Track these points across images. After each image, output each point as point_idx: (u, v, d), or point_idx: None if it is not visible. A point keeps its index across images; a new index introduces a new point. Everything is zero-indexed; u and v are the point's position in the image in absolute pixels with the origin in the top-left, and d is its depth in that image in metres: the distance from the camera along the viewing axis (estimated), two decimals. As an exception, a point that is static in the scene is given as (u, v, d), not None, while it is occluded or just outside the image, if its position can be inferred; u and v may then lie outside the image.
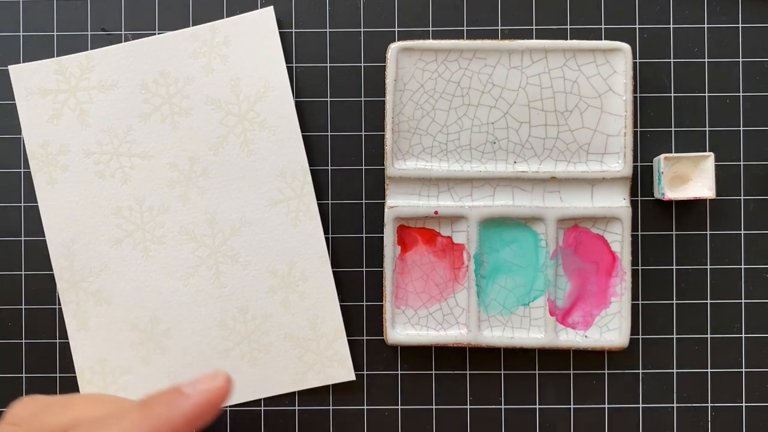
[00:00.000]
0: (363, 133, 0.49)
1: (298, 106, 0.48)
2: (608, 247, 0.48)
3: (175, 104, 0.48)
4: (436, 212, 0.47)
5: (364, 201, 0.49)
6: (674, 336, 0.49)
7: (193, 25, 0.49)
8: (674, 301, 0.49)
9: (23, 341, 0.49)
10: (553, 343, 0.47)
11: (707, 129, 0.49)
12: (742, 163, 0.49)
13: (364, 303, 0.49)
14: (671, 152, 0.49)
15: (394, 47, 0.47)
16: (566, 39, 0.49)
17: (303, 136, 0.48)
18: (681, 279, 0.49)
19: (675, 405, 0.49)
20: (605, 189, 0.47)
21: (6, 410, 0.37)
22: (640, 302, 0.49)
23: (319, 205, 0.49)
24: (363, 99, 0.49)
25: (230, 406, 0.49)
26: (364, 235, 0.49)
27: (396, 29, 0.49)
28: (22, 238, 0.49)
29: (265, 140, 0.48)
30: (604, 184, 0.47)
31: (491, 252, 0.48)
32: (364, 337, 0.49)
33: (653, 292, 0.49)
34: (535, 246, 0.48)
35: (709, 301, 0.49)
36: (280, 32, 0.48)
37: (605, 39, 0.49)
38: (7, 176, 0.49)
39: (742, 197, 0.49)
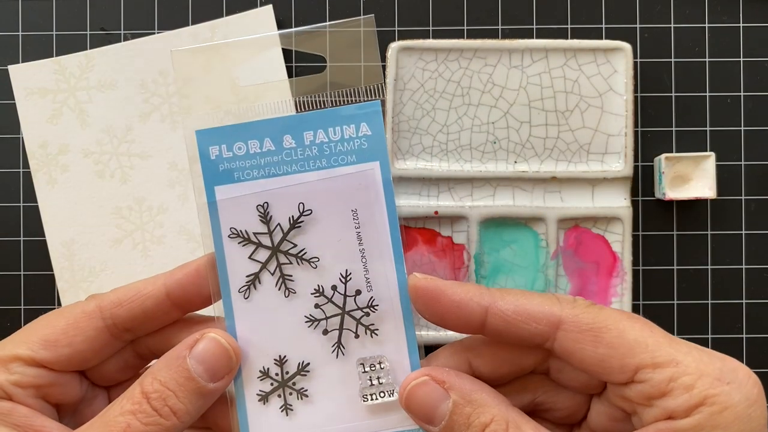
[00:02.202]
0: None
1: (298, 106, 0.48)
2: (609, 247, 0.47)
3: (175, 103, 0.48)
4: (436, 212, 0.47)
5: (364, 201, 0.49)
6: (675, 336, 0.49)
7: (192, 25, 0.49)
8: (675, 302, 0.49)
9: (23, 341, 0.49)
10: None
11: (708, 129, 0.49)
12: (743, 163, 0.49)
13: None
14: (672, 152, 0.49)
15: (394, 47, 0.47)
16: (567, 38, 0.49)
17: (303, 135, 0.48)
18: (682, 279, 0.49)
19: (676, 405, 0.49)
20: (606, 189, 0.47)
21: None
22: (641, 302, 0.49)
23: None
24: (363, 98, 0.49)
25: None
26: (364, 235, 0.49)
27: (396, 28, 0.49)
28: (22, 238, 0.49)
29: (264, 140, 0.48)
30: (605, 184, 0.47)
31: (491, 252, 0.48)
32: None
33: (654, 292, 0.49)
34: (536, 246, 0.48)
35: (710, 302, 0.49)
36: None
37: (606, 38, 0.49)
38: (7, 176, 0.49)
39: (743, 197, 0.49)
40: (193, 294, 0.33)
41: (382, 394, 0.33)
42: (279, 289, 0.33)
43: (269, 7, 0.48)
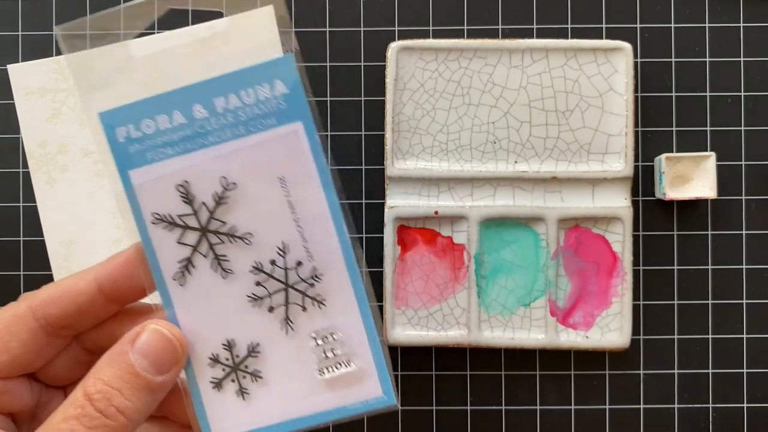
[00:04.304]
0: (363, 133, 0.49)
1: (298, 106, 0.48)
2: (609, 247, 0.47)
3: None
4: (436, 212, 0.47)
5: (364, 201, 0.49)
6: (675, 336, 0.49)
7: (192, 24, 0.48)
8: (675, 302, 0.49)
9: (22, 341, 0.49)
10: (553, 344, 0.47)
11: (708, 128, 0.49)
12: (743, 162, 0.49)
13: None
14: (672, 152, 0.49)
15: (394, 46, 0.47)
16: (567, 38, 0.48)
17: (303, 135, 0.48)
18: (682, 279, 0.49)
19: (676, 406, 0.49)
20: (606, 189, 0.47)
21: None
22: (641, 302, 0.49)
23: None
24: (363, 98, 0.49)
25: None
26: (364, 236, 0.49)
27: (396, 28, 0.49)
28: (21, 238, 0.49)
29: (264, 140, 0.48)
30: (605, 184, 0.47)
31: (492, 252, 0.48)
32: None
33: (654, 292, 0.49)
34: (536, 246, 0.48)
35: (710, 302, 0.49)
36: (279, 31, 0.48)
37: (606, 38, 0.49)
38: (6, 176, 0.49)
39: (743, 197, 0.49)
40: (126, 286, 0.32)
41: (338, 366, 0.32)
42: (215, 272, 0.32)
43: (270, 8, 0.48)
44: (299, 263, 0.32)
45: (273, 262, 0.32)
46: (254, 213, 0.31)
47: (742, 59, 0.49)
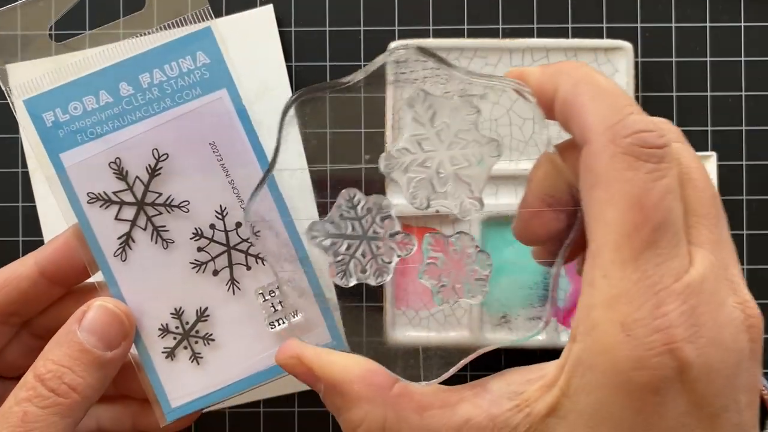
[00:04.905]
0: (363, 131, 0.48)
1: (298, 106, 0.48)
2: (610, 247, 0.47)
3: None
4: (437, 211, 0.47)
5: (364, 201, 0.49)
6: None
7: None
8: (677, 302, 0.49)
9: (21, 342, 0.49)
10: (554, 344, 0.47)
11: (709, 128, 0.49)
12: (744, 162, 0.49)
13: (364, 304, 0.49)
14: (673, 152, 0.49)
15: (394, 46, 0.46)
16: (567, 38, 0.48)
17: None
18: (684, 279, 0.49)
19: (678, 406, 0.48)
20: (607, 188, 0.47)
21: None
22: (642, 303, 0.48)
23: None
24: (363, 95, 0.49)
25: (229, 408, 0.48)
26: (364, 235, 0.48)
27: (396, 28, 0.49)
28: (20, 239, 0.49)
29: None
30: (606, 183, 0.47)
31: (494, 251, 0.48)
32: (364, 339, 0.49)
33: (656, 292, 0.49)
34: (537, 246, 0.47)
35: (712, 302, 0.48)
36: (279, 31, 0.48)
37: (607, 38, 0.48)
38: (5, 176, 0.49)
39: (744, 197, 0.49)
40: (68, 268, 0.33)
41: (287, 317, 0.33)
42: (155, 243, 0.32)
43: (269, 7, 0.48)
44: (238, 224, 0.33)
45: (213, 227, 0.33)
46: (189, 181, 0.32)
47: (742, 59, 0.49)
